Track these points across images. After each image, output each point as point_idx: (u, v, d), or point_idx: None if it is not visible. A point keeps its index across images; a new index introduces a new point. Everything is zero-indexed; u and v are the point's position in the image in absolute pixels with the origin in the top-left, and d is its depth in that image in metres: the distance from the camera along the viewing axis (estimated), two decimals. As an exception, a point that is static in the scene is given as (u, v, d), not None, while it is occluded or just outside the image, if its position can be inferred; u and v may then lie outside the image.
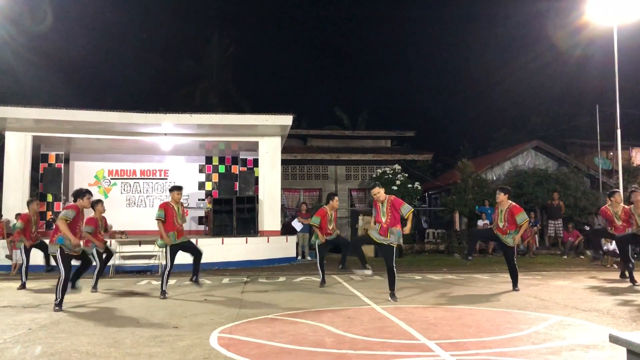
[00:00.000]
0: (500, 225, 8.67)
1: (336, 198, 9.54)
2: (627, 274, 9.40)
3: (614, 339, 2.53)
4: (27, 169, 14.13)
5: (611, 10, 13.89)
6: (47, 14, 26.27)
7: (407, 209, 7.90)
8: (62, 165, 15.82)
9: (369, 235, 8.33)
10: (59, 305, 7.21)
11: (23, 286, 9.72)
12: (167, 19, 43.12)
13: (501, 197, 8.77)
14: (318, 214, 9.39)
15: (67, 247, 7.38)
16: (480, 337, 5.34)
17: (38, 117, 13.60)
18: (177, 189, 8.72)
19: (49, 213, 15.44)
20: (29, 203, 10.36)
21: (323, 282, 9.45)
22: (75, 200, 7.73)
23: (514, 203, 8.79)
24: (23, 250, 9.92)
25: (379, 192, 8.03)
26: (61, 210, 15.60)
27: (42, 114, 13.63)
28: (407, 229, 8.01)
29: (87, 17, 38.03)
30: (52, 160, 15.80)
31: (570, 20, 20.24)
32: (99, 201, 9.50)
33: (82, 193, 7.73)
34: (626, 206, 9.43)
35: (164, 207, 8.52)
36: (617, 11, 13.87)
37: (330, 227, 9.40)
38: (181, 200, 8.87)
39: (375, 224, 8.30)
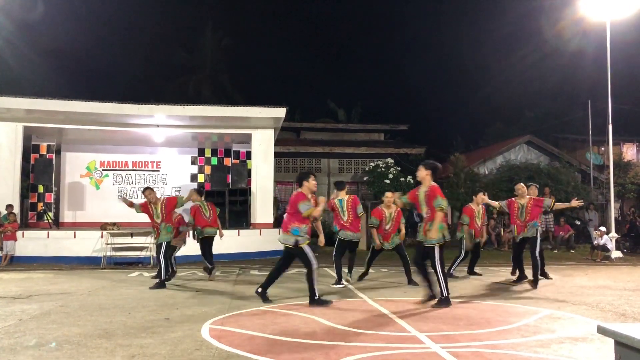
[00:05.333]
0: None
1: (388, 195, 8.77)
2: None
3: (601, 330, 2.58)
4: (18, 159, 14.01)
5: (604, 6, 13.93)
6: (39, 2, 26.01)
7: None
8: (54, 156, 15.70)
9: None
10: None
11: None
12: (160, 9, 42.89)
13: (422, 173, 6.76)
14: (375, 215, 8.76)
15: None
16: (470, 329, 5.37)
17: (29, 107, 13.47)
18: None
19: (40, 204, 15.35)
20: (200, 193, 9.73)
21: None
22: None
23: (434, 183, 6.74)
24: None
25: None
26: (50, 203, 15.55)
27: (33, 104, 13.50)
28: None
29: (81, 6, 37.73)
30: (43, 151, 15.68)
31: (563, 15, 20.27)
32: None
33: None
34: None
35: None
36: (610, 6, 13.91)
37: (388, 227, 8.72)
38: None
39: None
